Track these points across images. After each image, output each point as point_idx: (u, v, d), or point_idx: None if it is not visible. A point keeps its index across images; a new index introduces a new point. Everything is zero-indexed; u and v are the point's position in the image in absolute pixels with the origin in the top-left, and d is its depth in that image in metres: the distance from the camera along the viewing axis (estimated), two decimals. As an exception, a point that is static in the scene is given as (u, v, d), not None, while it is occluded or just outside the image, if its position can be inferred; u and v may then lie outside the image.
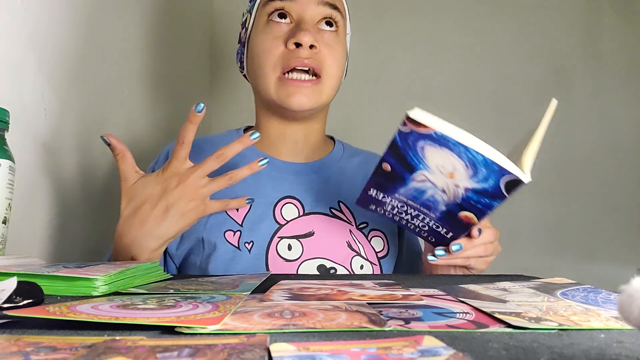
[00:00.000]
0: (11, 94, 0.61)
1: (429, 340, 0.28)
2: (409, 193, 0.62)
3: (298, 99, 0.75)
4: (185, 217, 0.63)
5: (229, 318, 0.33)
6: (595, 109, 1.48)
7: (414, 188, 0.61)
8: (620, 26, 1.51)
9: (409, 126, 0.52)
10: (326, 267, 0.74)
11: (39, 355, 0.25)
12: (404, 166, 0.58)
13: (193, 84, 1.37)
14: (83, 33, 0.79)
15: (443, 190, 0.60)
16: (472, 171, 0.56)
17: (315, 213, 0.77)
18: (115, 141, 0.64)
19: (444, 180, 0.58)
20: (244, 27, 0.84)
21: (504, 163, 0.54)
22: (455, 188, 0.59)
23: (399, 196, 0.63)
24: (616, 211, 1.45)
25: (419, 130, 0.52)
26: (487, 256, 0.68)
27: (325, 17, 0.78)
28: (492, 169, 0.54)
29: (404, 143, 0.55)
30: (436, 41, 1.51)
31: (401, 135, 0.54)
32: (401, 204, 0.64)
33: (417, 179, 0.60)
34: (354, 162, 0.87)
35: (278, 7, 0.77)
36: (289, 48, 0.75)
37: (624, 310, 0.23)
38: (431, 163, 0.56)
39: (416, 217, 0.66)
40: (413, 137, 0.54)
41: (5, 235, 0.54)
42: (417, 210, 0.64)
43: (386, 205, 0.66)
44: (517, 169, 0.55)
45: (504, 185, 0.57)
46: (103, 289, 0.43)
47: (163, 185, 0.62)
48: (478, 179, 0.56)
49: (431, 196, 0.61)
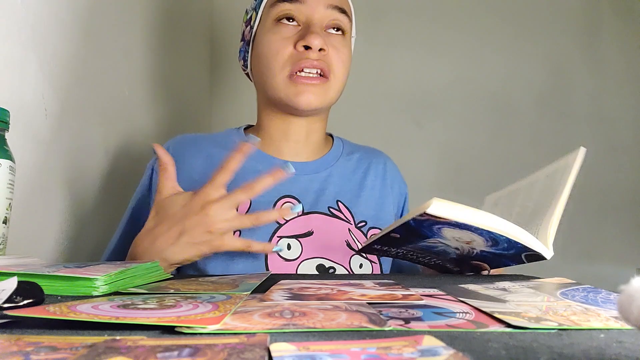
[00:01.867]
0: (11, 94, 0.61)
1: (428, 340, 0.28)
2: (417, 247, 0.60)
3: (306, 97, 0.76)
4: (196, 247, 0.61)
5: (229, 318, 0.33)
6: (594, 108, 1.48)
7: (424, 245, 0.59)
8: (620, 27, 1.51)
9: (426, 217, 0.49)
10: (325, 266, 0.74)
11: (39, 355, 0.25)
12: (416, 236, 0.56)
13: (193, 84, 1.37)
14: (83, 33, 0.79)
15: (456, 248, 0.58)
16: (492, 243, 0.54)
17: (314, 212, 0.77)
18: (162, 153, 0.64)
19: (459, 244, 0.56)
20: (248, 25, 0.83)
21: (527, 242, 0.52)
22: (471, 248, 0.57)
23: (407, 248, 0.62)
24: (616, 211, 1.45)
25: (437, 220, 0.49)
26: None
27: (333, 20, 0.78)
28: (515, 245, 0.53)
29: (418, 225, 0.52)
30: (436, 42, 1.51)
31: (416, 221, 0.51)
32: (407, 251, 0.63)
33: (428, 242, 0.57)
34: (353, 159, 0.87)
35: (286, 9, 0.77)
36: (298, 50, 0.75)
37: (624, 310, 0.23)
38: (447, 235, 0.54)
39: (421, 256, 0.65)
40: (430, 222, 0.51)
41: (6, 235, 0.54)
42: (424, 254, 0.63)
43: (392, 252, 0.64)
44: (541, 245, 0.53)
45: (524, 256, 0.56)
46: (103, 288, 0.43)
47: (186, 208, 0.60)
48: (498, 248, 0.55)
49: (442, 249, 0.59)
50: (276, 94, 0.77)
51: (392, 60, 1.51)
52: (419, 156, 1.46)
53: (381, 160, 0.89)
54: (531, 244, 0.53)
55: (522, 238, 0.52)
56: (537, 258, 0.55)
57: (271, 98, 0.80)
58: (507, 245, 0.53)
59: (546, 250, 0.54)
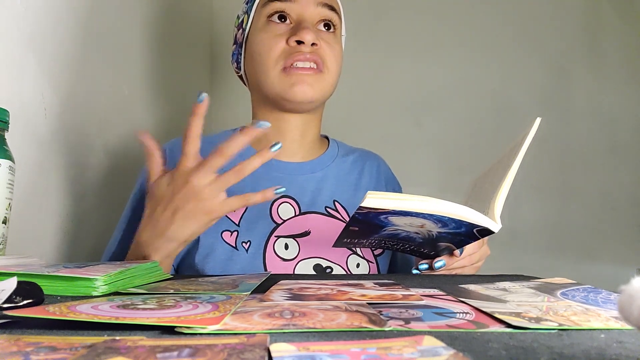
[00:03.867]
0: (11, 93, 0.61)
1: (429, 340, 0.28)
2: (383, 236, 0.63)
3: (301, 88, 0.76)
4: (195, 219, 0.60)
5: (229, 318, 0.33)
6: (595, 109, 1.48)
7: (387, 234, 0.61)
8: (620, 26, 1.51)
9: (366, 210, 0.52)
10: (322, 266, 0.74)
11: (39, 355, 0.25)
12: (372, 227, 0.58)
13: (193, 84, 1.37)
14: (83, 33, 0.79)
15: (416, 232, 0.60)
16: (441, 224, 0.55)
17: (311, 212, 0.78)
18: (146, 139, 0.62)
19: (415, 229, 0.58)
20: (240, 28, 0.84)
21: (471, 219, 0.53)
22: (428, 232, 0.59)
23: (373, 238, 0.64)
24: (616, 211, 1.45)
25: (376, 211, 0.52)
26: (472, 264, 0.68)
27: (323, 18, 0.80)
28: (461, 223, 0.54)
29: (365, 217, 0.54)
30: (436, 42, 1.51)
31: (360, 214, 0.53)
32: (378, 241, 0.65)
33: (388, 230, 0.60)
34: (348, 160, 0.88)
35: (278, 8, 0.78)
36: (291, 45, 0.76)
37: (624, 310, 0.23)
38: (398, 222, 0.56)
39: (395, 244, 0.66)
40: (373, 214, 0.53)
41: (5, 235, 0.54)
42: (395, 241, 0.65)
43: (364, 243, 0.66)
44: (487, 220, 0.54)
45: (476, 231, 0.57)
46: (103, 289, 0.43)
47: (172, 186, 0.60)
48: (449, 228, 0.56)
49: (406, 235, 0.61)
50: (271, 89, 0.78)
51: (392, 60, 1.51)
52: (419, 156, 1.46)
53: (375, 162, 0.90)
54: (475, 220, 0.54)
55: (465, 216, 0.53)
56: (488, 232, 0.56)
57: (266, 94, 0.80)
58: (455, 224, 0.54)
59: (493, 224, 0.55)
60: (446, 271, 0.66)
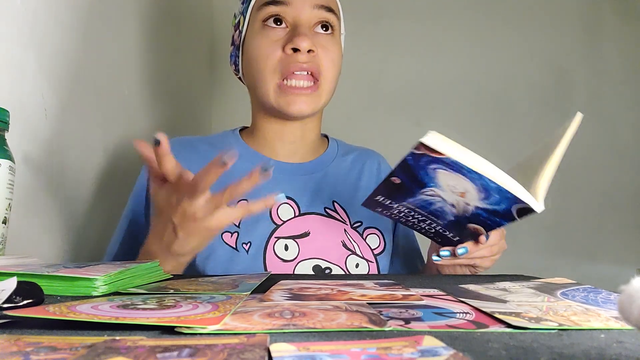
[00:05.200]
0: (11, 94, 0.61)
1: (429, 340, 0.28)
2: (417, 202, 0.61)
3: (297, 107, 0.76)
4: (197, 235, 0.58)
5: (229, 318, 0.33)
6: (595, 109, 1.48)
7: (423, 199, 0.60)
8: (620, 27, 1.51)
9: (422, 150, 0.50)
10: (321, 267, 0.74)
11: (39, 355, 0.25)
12: (414, 182, 0.57)
13: (193, 84, 1.37)
14: (83, 33, 0.79)
15: (452, 205, 0.59)
16: (484, 194, 0.55)
17: (310, 213, 0.78)
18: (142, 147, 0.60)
19: (454, 198, 0.57)
20: (237, 30, 0.83)
21: (517, 192, 0.53)
22: (465, 205, 0.58)
23: (406, 204, 0.62)
24: (616, 211, 1.45)
25: (432, 154, 0.50)
26: (491, 256, 0.68)
27: (321, 20, 0.78)
28: (505, 196, 0.53)
29: (415, 163, 0.53)
30: (436, 41, 1.51)
31: (413, 156, 0.52)
32: (409, 210, 0.64)
33: (426, 193, 0.58)
34: (348, 160, 0.87)
35: (273, 12, 0.76)
36: (287, 53, 0.75)
37: (624, 310, 0.23)
38: (442, 183, 0.55)
39: (423, 221, 0.65)
40: (426, 160, 0.52)
41: (5, 235, 0.54)
42: (425, 216, 0.64)
43: (393, 209, 0.65)
44: (531, 198, 0.54)
45: (515, 210, 0.56)
46: (103, 289, 0.43)
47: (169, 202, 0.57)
48: (490, 201, 0.56)
49: (440, 207, 0.60)
50: (268, 101, 0.77)
51: (392, 60, 1.51)
52: (419, 156, 1.45)
53: (375, 160, 0.90)
54: (521, 194, 0.53)
55: (512, 187, 0.53)
56: (528, 212, 0.55)
57: (264, 104, 0.80)
58: (498, 197, 0.54)
59: (536, 203, 0.54)
60: (466, 260, 0.66)
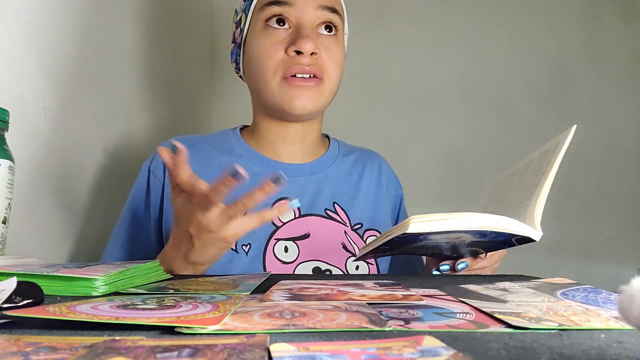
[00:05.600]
0: (11, 93, 0.61)
1: (429, 340, 0.28)
2: (410, 250, 0.62)
3: (300, 101, 0.74)
4: (213, 245, 0.58)
5: (229, 318, 0.33)
6: (595, 109, 1.48)
7: (417, 245, 0.60)
8: (620, 26, 1.51)
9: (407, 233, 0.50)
10: (321, 269, 0.74)
11: (39, 355, 0.25)
12: (406, 243, 0.57)
13: (193, 84, 1.37)
14: (83, 33, 0.79)
15: (447, 242, 0.59)
16: (480, 235, 0.55)
17: (310, 215, 0.77)
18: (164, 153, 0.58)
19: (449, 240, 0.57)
20: (238, 27, 0.82)
21: (514, 230, 0.52)
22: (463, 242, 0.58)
23: (400, 250, 0.63)
24: (616, 211, 1.45)
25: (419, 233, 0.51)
26: (492, 265, 0.68)
27: (324, 21, 0.77)
28: (502, 233, 0.53)
29: (403, 239, 0.53)
30: (436, 40, 1.51)
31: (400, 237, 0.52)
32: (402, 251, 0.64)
33: (420, 244, 0.58)
34: (348, 160, 0.87)
35: (276, 12, 0.75)
36: (290, 55, 0.74)
37: (624, 310, 0.23)
38: (436, 238, 0.55)
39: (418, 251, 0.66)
40: (413, 236, 0.52)
41: (5, 235, 0.54)
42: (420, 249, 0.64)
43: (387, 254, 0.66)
44: (529, 229, 0.53)
45: (515, 240, 0.56)
46: (103, 289, 0.43)
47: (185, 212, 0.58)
48: (487, 238, 0.55)
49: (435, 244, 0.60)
50: (271, 99, 0.76)
51: (392, 59, 1.51)
52: (420, 156, 1.46)
53: (376, 161, 0.89)
54: (518, 230, 0.53)
55: (508, 227, 0.52)
56: (528, 240, 0.55)
57: (265, 103, 0.79)
58: (494, 235, 0.54)
59: (534, 232, 0.54)
60: (466, 272, 0.66)
